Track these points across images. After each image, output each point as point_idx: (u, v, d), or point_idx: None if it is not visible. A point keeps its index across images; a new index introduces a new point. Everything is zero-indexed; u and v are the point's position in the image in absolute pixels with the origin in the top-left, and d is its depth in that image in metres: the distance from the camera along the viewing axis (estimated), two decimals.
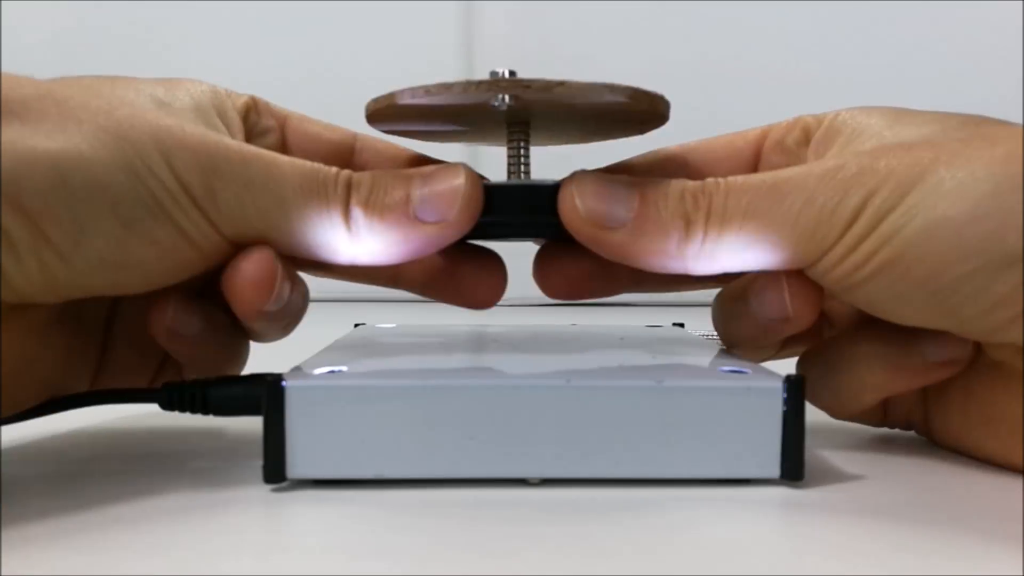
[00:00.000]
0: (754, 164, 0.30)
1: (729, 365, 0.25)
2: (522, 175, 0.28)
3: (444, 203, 0.24)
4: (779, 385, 0.23)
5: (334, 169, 0.24)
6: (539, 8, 0.86)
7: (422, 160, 0.30)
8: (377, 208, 0.24)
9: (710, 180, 0.24)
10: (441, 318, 0.37)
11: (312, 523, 0.21)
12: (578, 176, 0.25)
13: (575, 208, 0.24)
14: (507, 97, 0.24)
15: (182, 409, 0.25)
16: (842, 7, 0.83)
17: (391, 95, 0.25)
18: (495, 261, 0.29)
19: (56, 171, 0.20)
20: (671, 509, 0.22)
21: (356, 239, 0.24)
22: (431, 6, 0.88)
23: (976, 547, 0.19)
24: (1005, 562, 0.18)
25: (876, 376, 0.26)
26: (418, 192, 0.24)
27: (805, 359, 0.28)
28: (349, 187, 0.24)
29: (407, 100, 0.25)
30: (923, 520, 0.21)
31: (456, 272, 0.29)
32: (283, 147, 0.29)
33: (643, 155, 0.30)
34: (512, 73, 0.25)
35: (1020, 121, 0.24)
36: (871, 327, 0.26)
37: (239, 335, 0.28)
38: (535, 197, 0.25)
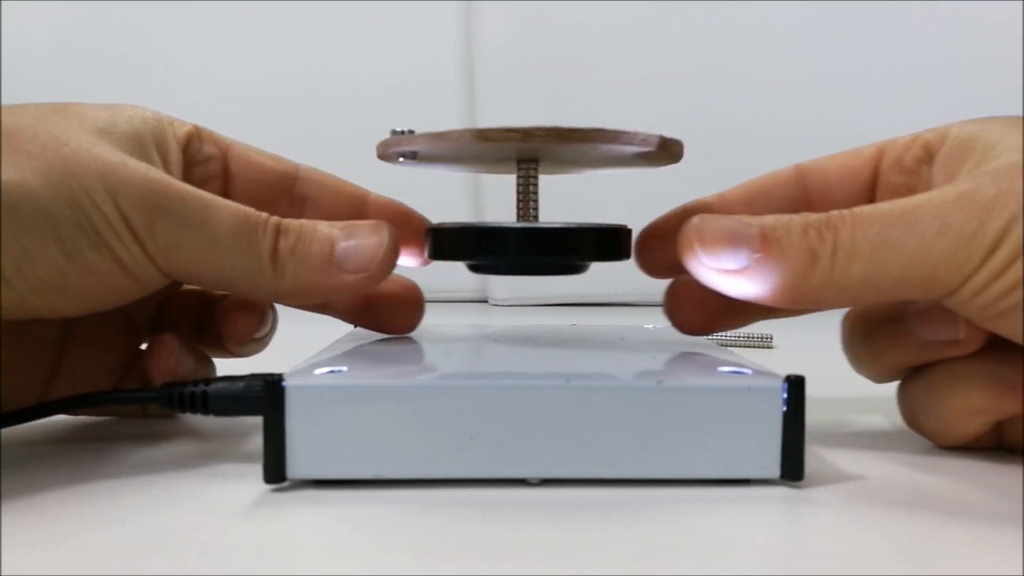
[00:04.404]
0: (872, 184, 0.29)
1: (729, 365, 0.25)
2: (531, 209, 0.29)
3: (365, 256, 0.25)
4: (779, 385, 0.23)
5: (264, 215, 0.25)
6: (539, 9, 0.86)
7: (363, 197, 0.31)
8: (302, 256, 0.25)
9: (835, 213, 0.23)
10: (441, 318, 0.37)
11: (312, 523, 0.21)
12: (697, 220, 0.24)
13: (696, 253, 0.24)
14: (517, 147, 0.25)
15: (182, 409, 0.25)
16: (847, 13, 0.83)
17: (400, 139, 0.26)
18: (413, 293, 0.32)
19: (6, 201, 0.22)
20: (671, 509, 0.21)
21: (281, 282, 0.25)
22: (431, 7, 0.88)
23: (976, 547, 0.19)
24: (1005, 562, 0.18)
25: (983, 396, 0.25)
26: (342, 244, 0.25)
27: (906, 383, 0.27)
28: (278, 233, 0.25)
29: (417, 147, 0.25)
30: (923, 520, 0.21)
31: (377, 305, 0.32)
32: (225, 175, 0.30)
33: (755, 180, 0.30)
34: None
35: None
36: None
37: (209, 363, 0.32)
38: (546, 240, 0.26)
